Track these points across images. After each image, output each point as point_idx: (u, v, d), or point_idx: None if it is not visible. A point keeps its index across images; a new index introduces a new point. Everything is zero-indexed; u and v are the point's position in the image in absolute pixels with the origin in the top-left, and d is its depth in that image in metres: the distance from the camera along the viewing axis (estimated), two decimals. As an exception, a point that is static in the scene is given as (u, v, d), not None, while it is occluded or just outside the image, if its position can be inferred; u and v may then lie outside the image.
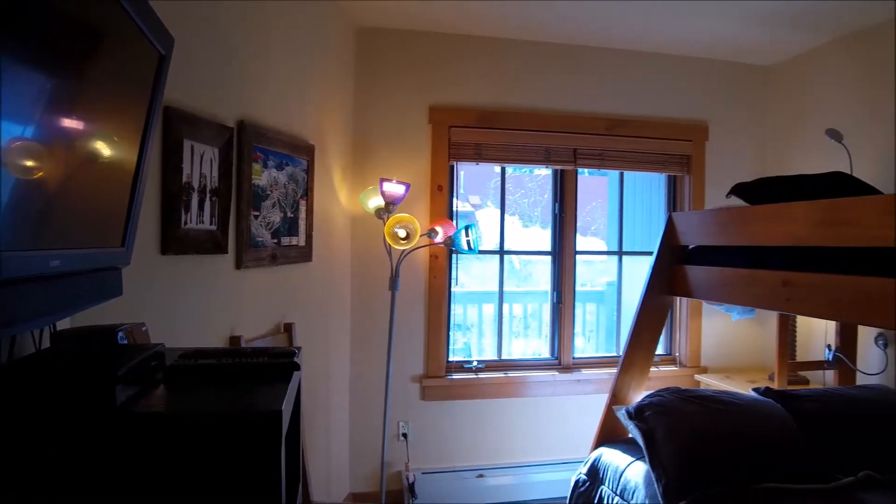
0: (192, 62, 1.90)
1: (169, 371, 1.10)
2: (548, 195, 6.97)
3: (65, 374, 0.92)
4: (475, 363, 3.92)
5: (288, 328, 2.69)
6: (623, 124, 3.97)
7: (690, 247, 3.10)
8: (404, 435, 3.68)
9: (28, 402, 0.89)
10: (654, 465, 2.50)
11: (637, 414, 2.74)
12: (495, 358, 4.06)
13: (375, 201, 3.37)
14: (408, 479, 3.53)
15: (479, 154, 3.83)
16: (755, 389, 2.97)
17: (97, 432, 0.88)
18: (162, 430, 0.91)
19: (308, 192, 2.90)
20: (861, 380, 3.34)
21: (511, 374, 3.91)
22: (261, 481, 0.90)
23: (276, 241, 2.58)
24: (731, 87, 4.18)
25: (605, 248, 5.45)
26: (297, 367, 1.17)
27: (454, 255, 3.85)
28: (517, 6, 3.29)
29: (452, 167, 3.83)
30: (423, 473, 3.61)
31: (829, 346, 3.43)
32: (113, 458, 0.89)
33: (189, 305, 1.97)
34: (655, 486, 2.43)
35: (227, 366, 1.12)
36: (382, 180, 3.23)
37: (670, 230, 3.17)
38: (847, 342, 3.37)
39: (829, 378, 3.50)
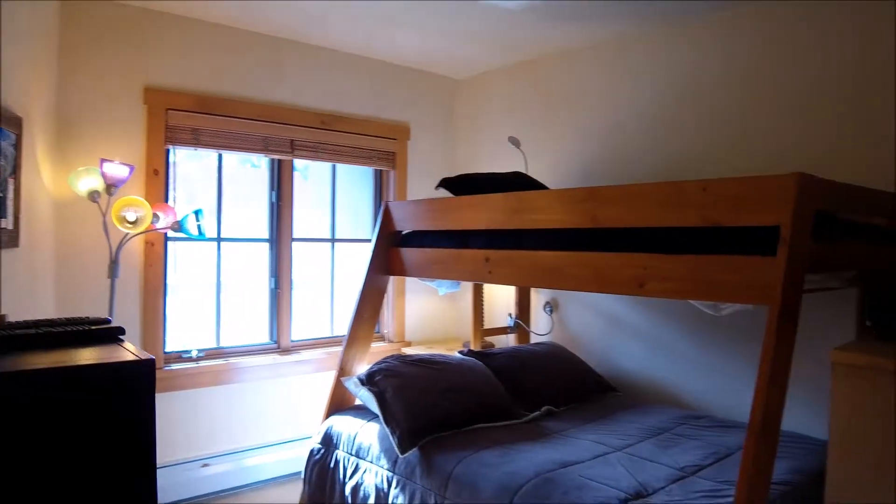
0: None
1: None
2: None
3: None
4: (194, 352, 3.85)
5: None
6: (337, 120, 4.27)
7: (405, 232, 3.53)
8: (120, 432, 3.47)
9: None
10: (387, 421, 2.84)
11: (368, 380, 3.07)
12: (214, 346, 4.03)
13: (88, 183, 3.13)
14: (127, 477, 3.34)
15: (198, 139, 3.78)
16: (460, 352, 3.53)
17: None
18: (46, 385, 0.91)
19: (17, 170, 2.61)
20: (535, 339, 4.16)
21: (231, 360, 3.93)
22: (140, 423, 0.96)
23: (-15, 223, 2.30)
24: (429, 94, 4.77)
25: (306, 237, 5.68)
26: (123, 332, 1.20)
27: (170, 243, 3.74)
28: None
29: (169, 151, 3.72)
30: (143, 469, 3.46)
31: (510, 315, 4.19)
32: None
33: None
34: (390, 439, 2.78)
35: (60, 333, 1.11)
36: (103, 160, 3.03)
37: (387, 217, 3.56)
38: (523, 310, 4.17)
39: (510, 340, 4.28)
